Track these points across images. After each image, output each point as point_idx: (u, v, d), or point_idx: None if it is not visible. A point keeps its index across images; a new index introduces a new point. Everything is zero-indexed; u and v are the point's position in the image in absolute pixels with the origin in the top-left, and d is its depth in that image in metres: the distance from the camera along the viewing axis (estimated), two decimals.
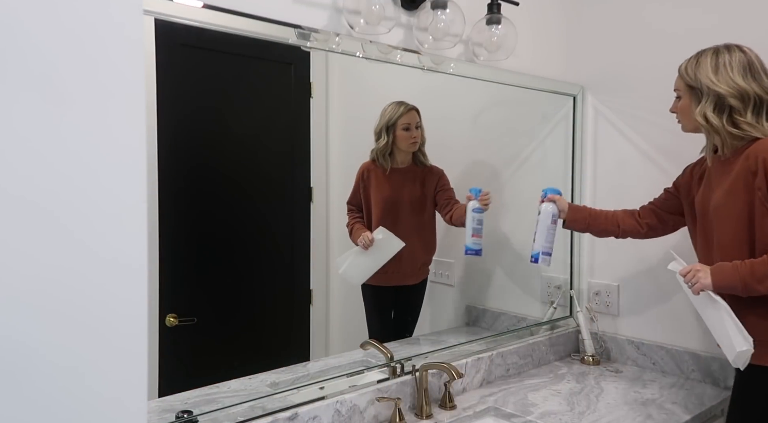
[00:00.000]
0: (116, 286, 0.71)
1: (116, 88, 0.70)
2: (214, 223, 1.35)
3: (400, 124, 1.69)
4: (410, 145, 1.73)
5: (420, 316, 1.80)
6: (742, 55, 1.40)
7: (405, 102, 1.71)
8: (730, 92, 1.37)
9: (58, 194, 0.66)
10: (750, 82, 1.37)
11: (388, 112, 1.68)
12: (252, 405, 1.32)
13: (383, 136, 1.68)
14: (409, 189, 1.76)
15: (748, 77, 1.38)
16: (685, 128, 1.53)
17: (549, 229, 1.72)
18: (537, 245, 1.74)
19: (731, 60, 1.40)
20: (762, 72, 1.40)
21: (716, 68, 1.40)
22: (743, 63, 1.39)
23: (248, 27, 1.32)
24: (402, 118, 1.70)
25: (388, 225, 1.69)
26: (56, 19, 0.66)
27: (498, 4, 1.73)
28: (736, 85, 1.37)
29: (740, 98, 1.37)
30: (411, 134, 1.72)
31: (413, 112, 1.72)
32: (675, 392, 1.79)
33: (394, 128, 1.69)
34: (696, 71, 1.44)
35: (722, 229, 1.42)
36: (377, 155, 1.68)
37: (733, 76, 1.38)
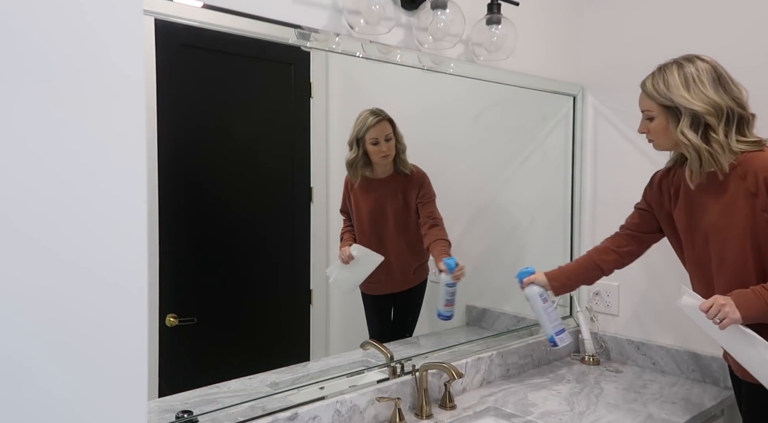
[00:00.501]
0: (116, 286, 0.71)
1: (116, 88, 0.70)
2: (214, 223, 1.35)
3: (368, 138, 1.62)
4: (381, 159, 1.65)
5: (420, 316, 1.80)
6: (707, 65, 1.37)
7: (379, 112, 1.64)
8: (706, 109, 1.33)
9: (58, 195, 0.66)
10: (722, 95, 1.34)
11: (359, 123, 1.61)
12: (252, 405, 1.32)
13: (353, 147, 1.61)
14: (391, 199, 1.70)
15: (720, 90, 1.35)
16: (661, 147, 1.49)
17: (545, 310, 1.70)
18: (547, 329, 1.71)
19: (699, 73, 1.36)
20: (730, 81, 1.37)
21: (686, 84, 1.36)
22: (712, 75, 1.36)
23: (248, 27, 1.32)
24: (369, 132, 1.61)
25: (374, 236, 1.66)
26: (56, 19, 0.66)
27: (498, 4, 1.73)
28: (710, 101, 1.33)
29: (715, 114, 1.33)
30: (379, 148, 1.64)
31: (383, 124, 1.63)
32: (675, 392, 1.79)
33: (363, 141, 1.61)
34: (667, 89, 1.39)
35: (723, 250, 1.38)
36: (348, 167, 1.61)
37: (706, 90, 1.34)
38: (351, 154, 1.61)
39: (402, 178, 1.71)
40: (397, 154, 1.68)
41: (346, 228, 1.64)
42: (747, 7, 1.78)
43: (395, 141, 1.67)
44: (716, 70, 1.37)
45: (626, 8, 2.07)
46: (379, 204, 1.69)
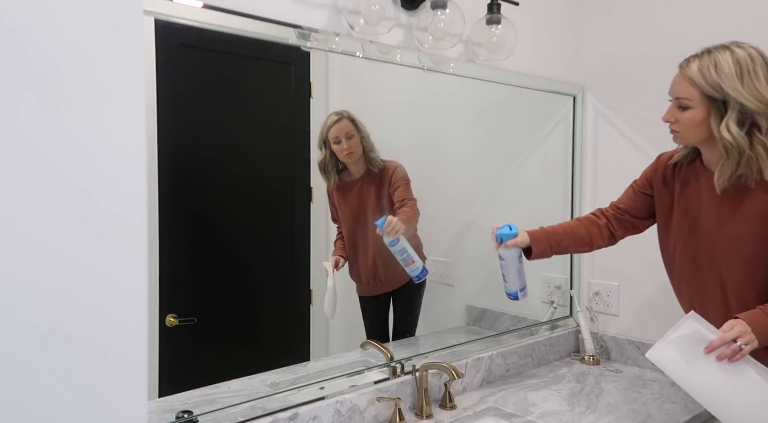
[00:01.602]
0: (116, 286, 0.71)
1: (116, 88, 0.70)
2: (215, 223, 1.35)
3: (330, 138, 1.60)
4: (346, 158, 1.63)
5: (420, 316, 1.80)
6: (758, 55, 1.21)
7: (340, 111, 1.62)
8: (757, 106, 1.17)
9: (58, 195, 0.66)
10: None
11: (322, 124, 1.59)
12: (252, 405, 1.32)
13: (322, 149, 1.59)
14: (367, 198, 1.69)
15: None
16: (684, 141, 1.35)
17: (519, 270, 1.64)
18: (513, 286, 1.65)
19: (753, 64, 1.19)
20: None
21: (741, 74, 1.19)
22: (765, 67, 1.20)
23: (248, 27, 1.32)
24: (331, 132, 1.60)
25: (359, 237, 1.66)
26: (56, 18, 0.66)
27: (498, 4, 1.73)
28: (762, 97, 1.17)
29: (766, 113, 1.18)
30: (341, 147, 1.62)
31: (343, 123, 1.61)
32: (675, 392, 1.79)
33: (328, 142, 1.60)
34: (719, 78, 1.21)
35: (736, 261, 1.31)
36: (319, 170, 1.59)
37: (759, 84, 1.18)
38: (320, 156, 1.59)
39: (375, 175, 1.69)
40: (365, 152, 1.66)
41: (338, 235, 1.64)
42: (748, 7, 1.78)
43: (360, 138, 1.65)
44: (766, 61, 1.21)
45: (626, 8, 2.07)
46: (358, 204, 1.68)
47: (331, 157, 1.60)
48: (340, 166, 1.62)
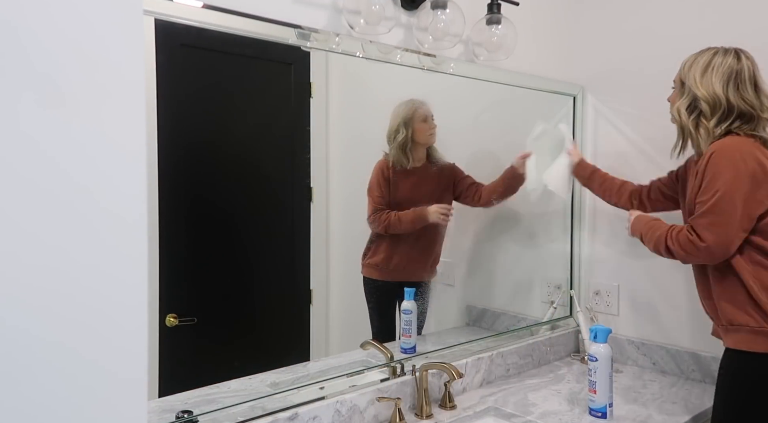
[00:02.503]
0: (116, 286, 0.71)
1: (116, 88, 0.70)
2: (214, 223, 1.35)
3: (417, 117, 1.70)
4: (429, 137, 1.74)
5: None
6: (735, 61, 1.42)
7: (413, 99, 1.72)
8: (705, 96, 1.40)
9: (57, 195, 0.66)
10: (728, 92, 1.39)
11: (403, 109, 1.68)
12: (252, 405, 1.32)
13: (401, 131, 1.67)
14: (427, 187, 1.77)
15: (729, 86, 1.40)
16: (673, 118, 1.55)
17: (611, 376, 1.57)
18: (602, 397, 1.55)
19: (721, 64, 1.42)
20: (748, 83, 1.41)
21: (705, 69, 1.43)
22: (731, 70, 1.41)
23: (248, 27, 1.32)
24: (419, 111, 1.70)
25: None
26: (56, 18, 0.66)
27: (498, 4, 1.73)
28: (712, 91, 1.40)
29: (711, 104, 1.40)
30: (429, 126, 1.73)
31: (428, 106, 1.73)
32: (675, 392, 1.79)
33: (412, 122, 1.69)
34: (690, 68, 1.46)
35: None
36: (396, 152, 1.67)
37: (714, 81, 1.41)
38: (399, 137, 1.67)
39: (436, 166, 1.78)
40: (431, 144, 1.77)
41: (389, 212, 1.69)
42: (746, 8, 1.78)
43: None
44: (740, 70, 1.41)
45: (626, 8, 2.07)
46: (416, 191, 1.75)
47: (411, 138, 1.69)
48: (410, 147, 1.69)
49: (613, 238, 2.11)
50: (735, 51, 1.44)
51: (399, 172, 1.69)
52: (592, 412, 1.57)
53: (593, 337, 1.58)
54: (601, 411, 1.55)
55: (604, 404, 1.55)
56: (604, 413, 1.55)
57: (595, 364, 1.55)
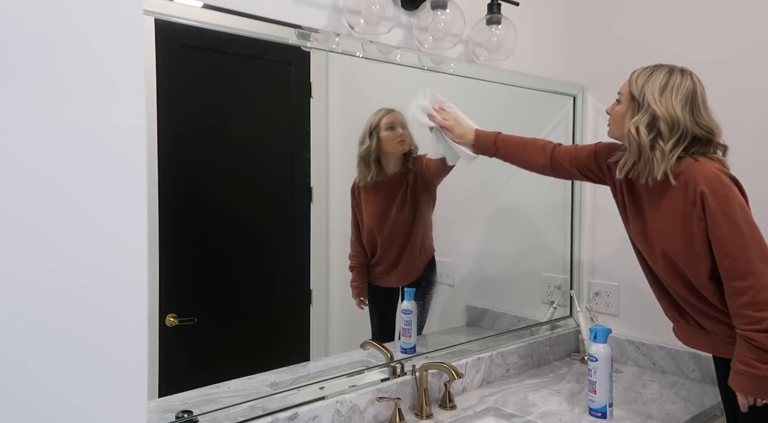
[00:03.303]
0: (116, 286, 0.71)
1: (116, 88, 0.70)
2: (214, 223, 1.35)
3: (383, 125, 1.62)
4: (397, 145, 1.65)
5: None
6: (691, 84, 1.40)
7: (391, 108, 1.66)
8: (665, 116, 1.36)
9: (58, 194, 0.66)
10: (686, 114, 1.36)
11: (370, 118, 1.62)
12: (252, 405, 1.32)
13: (365, 141, 1.60)
14: (400, 196, 1.70)
15: (686, 109, 1.37)
16: (611, 134, 1.51)
17: (611, 376, 1.57)
18: (602, 397, 1.56)
19: (680, 85, 1.38)
20: (702, 107, 1.39)
21: (663, 88, 1.39)
22: (688, 93, 1.38)
23: (248, 27, 1.32)
24: (385, 118, 1.62)
25: (384, 236, 1.68)
26: (56, 18, 0.66)
27: (498, 4, 1.73)
28: (673, 112, 1.36)
29: (671, 125, 1.35)
30: (396, 132, 1.64)
31: (395, 114, 1.65)
32: (675, 392, 1.79)
33: (378, 130, 1.62)
34: (645, 83, 1.41)
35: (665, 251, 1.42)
36: (359, 165, 1.61)
37: (674, 102, 1.37)
38: (363, 147, 1.60)
39: (405, 173, 1.70)
40: (410, 152, 1.69)
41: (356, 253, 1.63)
42: (746, 9, 1.78)
43: (408, 133, 1.68)
44: (695, 92, 1.39)
45: (626, 8, 2.07)
46: (388, 203, 1.69)
47: (376, 148, 1.61)
48: (378, 158, 1.63)
49: (613, 238, 2.11)
50: (690, 72, 1.42)
51: (367, 187, 1.63)
52: (592, 412, 1.57)
53: (593, 337, 1.58)
54: (601, 411, 1.55)
55: (604, 404, 1.55)
56: (604, 413, 1.55)
57: (595, 364, 1.55)
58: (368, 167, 1.62)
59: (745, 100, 1.80)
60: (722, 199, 1.32)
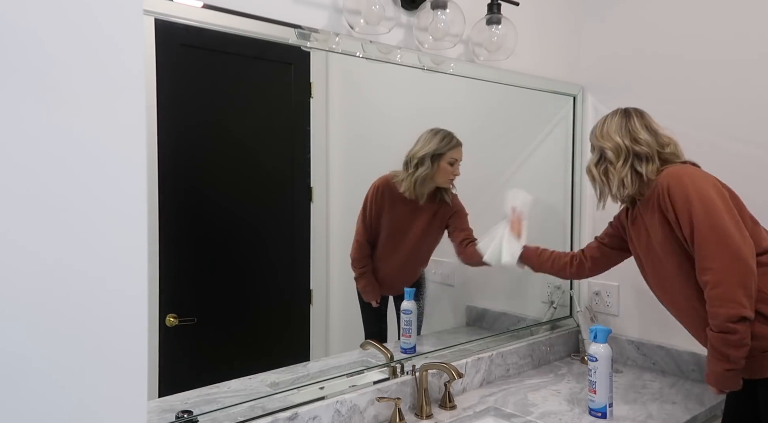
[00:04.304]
0: (116, 286, 0.71)
1: (116, 88, 0.70)
2: (214, 223, 1.35)
3: (447, 157, 1.66)
4: (448, 181, 1.70)
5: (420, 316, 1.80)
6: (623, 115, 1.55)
7: (453, 134, 1.68)
8: (608, 146, 1.53)
9: (58, 194, 0.66)
10: (624, 138, 1.51)
11: (436, 141, 1.63)
12: (252, 405, 1.32)
13: (426, 164, 1.61)
14: (419, 221, 1.72)
15: (622, 132, 1.52)
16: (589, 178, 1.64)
17: (611, 376, 1.57)
18: (602, 397, 1.56)
19: (612, 119, 1.56)
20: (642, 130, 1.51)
21: (602, 127, 1.57)
22: (622, 121, 1.54)
23: (248, 27, 1.32)
24: (452, 152, 1.66)
25: (395, 249, 1.69)
26: (55, 19, 0.66)
27: (498, 4, 1.73)
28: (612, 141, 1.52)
29: (615, 151, 1.51)
30: (454, 170, 1.69)
31: (461, 149, 1.69)
32: (675, 392, 1.79)
33: (441, 159, 1.64)
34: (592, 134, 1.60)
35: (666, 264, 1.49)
36: (412, 183, 1.61)
37: (612, 133, 1.53)
38: (422, 170, 1.62)
39: (442, 205, 1.74)
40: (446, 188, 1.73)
41: (363, 258, 1.63)
42: (747, 6, 1.78)
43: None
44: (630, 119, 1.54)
45: (626, 8, 2.07)
46: (412, 220, 1.71)
47: (431, 174, 1.63)
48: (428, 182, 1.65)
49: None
50: (624, 109, 1.57)
51: (397, 199, 1.64)
52: (592, 412, 1.57)
53: (593, 337, 1.58)
54: (601, 411, 1.55)
55: (604, 404, 1.55)
56: (604, 413, 1.55)
57: (595, 364, 1.55)
58: (415, 187, 1.64)
59: (745, 100, 1.80)
60: (683, 193, 1.38)
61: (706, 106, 1.88)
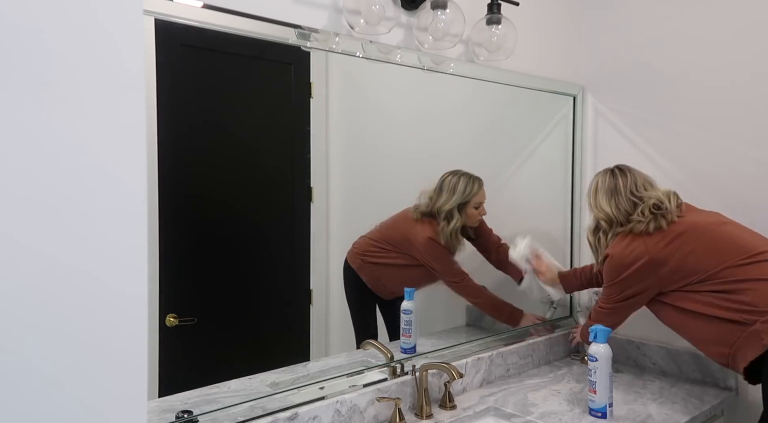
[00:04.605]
0: (116, 286, 0.71)
1: (116, 88, 0.70)
2: (215, 223, 1.35)
3: (472, 203, 1.69)
4: (475, 222, 1.74)
5: (420, 316, 1.80)
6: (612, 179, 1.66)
7: (473, 177, 1.71)
8: (598, 215, 1.66)
9: (59, 194, 0.66)
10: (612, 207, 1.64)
11: (460, 191, 1.66)
12: (252, 405, 1.32)
13: (455, 216, 1.65)
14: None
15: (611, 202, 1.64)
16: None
17: (611, 376, 1.57)
18: (602, 397, 1.56)
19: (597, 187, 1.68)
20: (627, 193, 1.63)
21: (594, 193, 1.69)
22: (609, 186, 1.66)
23: (248, 27, 1.32)
24: (476, 197, 1.70)
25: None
26: (55, 19, 0.66)
27: (498, 4, 1.73)
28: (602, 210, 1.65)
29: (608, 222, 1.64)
30: (481, 212, 1.72)
31: (483, 188, 1.73)
32: (675, 392, 1.79)
33: (466, 207, 1.67)
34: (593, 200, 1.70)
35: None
36: (449, 236, 1.65)
37: (601, 201, 1.66)
38: (455, 223, 1.66)
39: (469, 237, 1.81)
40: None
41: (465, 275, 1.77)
42: (746, 8, 1.78)
43: None
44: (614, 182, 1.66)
45: (626, 8, 2.07)
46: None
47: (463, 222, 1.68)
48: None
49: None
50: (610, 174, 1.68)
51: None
52: (592, 412, 1.57)
53: (593, 337, 1.58)
54: (601, 411, 1.55)
55: (604, 404, 1.55)
56: (604, 413, 1.55)
57: (595, 364, 1.55)
58: (452, 239, 1.68)
59: (746, 100, 1.80)
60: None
61: (707, 106, 1.88)
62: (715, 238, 1.54)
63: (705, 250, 1.53)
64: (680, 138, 1.66)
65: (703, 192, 1.88)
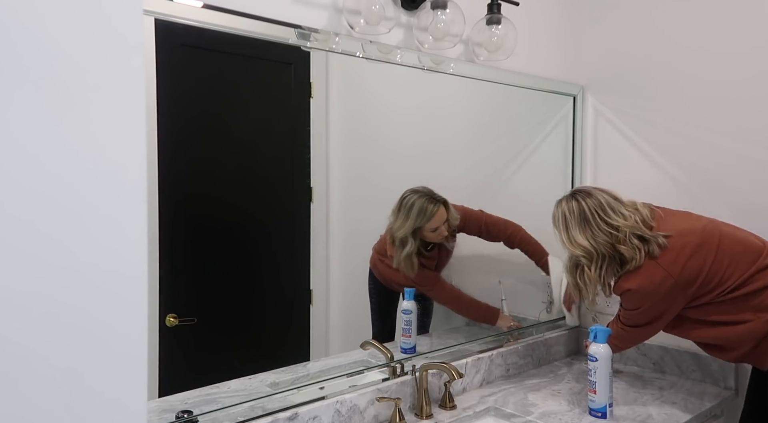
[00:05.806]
0: (116, 286, 0.71)
1: (116, 88, 0.70)
2: (214, 223, 1.35)
3: (427, 228, 1.65)
4: (438, 237, 1.71)
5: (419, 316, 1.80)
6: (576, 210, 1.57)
7: (432, 196, 1.66)
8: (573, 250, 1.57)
9: (57, 194, 0.66)
10: (589, 239, 1.54)
11: (413, 217, 1.62)
12: (252, 405, 1.32)
13: (409, 242, 1.61)
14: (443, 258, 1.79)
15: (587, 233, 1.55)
16: None
17: (611, 376, 1.57)
18: (602, 397, 1.56)
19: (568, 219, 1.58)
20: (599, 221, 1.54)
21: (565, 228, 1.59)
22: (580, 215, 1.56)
23: (248, 27, 1.32)
24: (430, 223, 1.65)
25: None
26: (56, 19, 0.66)
27: (498, 4, 1.73)
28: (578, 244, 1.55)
29: (588, 257, 1.55)
30: (439, 234, 1.69)
31: (441, 212, 1.67)
32: (675, 392, 1.79)
33: (421, 232, 1.65)
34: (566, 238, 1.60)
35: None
36: (401, 261, 1.63)
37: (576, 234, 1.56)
38: (408, 249, 1.61)
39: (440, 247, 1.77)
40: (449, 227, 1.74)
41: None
42: (746, 8, 1.78)
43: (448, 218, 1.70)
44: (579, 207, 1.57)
45: (626, 8, 2.07)
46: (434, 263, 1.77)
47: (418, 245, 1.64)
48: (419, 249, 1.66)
49: None
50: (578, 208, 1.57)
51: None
52: (592, 412, 1.57)
53: (593, 337, 1.58)
54: (601, 411, 1.55)
55: (604, 404, 1.55)
56: (604, 413, 1.55)
57: (595, 364, 1.55)
58: (412, 264, 1.65)
59: (746, 99, 1.80)
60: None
61: (707, 106, 1.88)
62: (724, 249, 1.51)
63: (727, 260, 1.49)
64: (680, 138, 1.65)
65: (703, 192, 1.88)
